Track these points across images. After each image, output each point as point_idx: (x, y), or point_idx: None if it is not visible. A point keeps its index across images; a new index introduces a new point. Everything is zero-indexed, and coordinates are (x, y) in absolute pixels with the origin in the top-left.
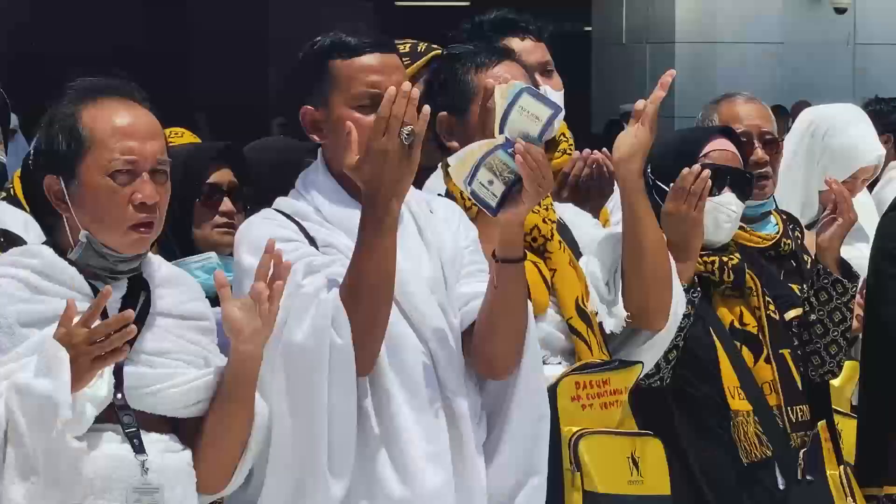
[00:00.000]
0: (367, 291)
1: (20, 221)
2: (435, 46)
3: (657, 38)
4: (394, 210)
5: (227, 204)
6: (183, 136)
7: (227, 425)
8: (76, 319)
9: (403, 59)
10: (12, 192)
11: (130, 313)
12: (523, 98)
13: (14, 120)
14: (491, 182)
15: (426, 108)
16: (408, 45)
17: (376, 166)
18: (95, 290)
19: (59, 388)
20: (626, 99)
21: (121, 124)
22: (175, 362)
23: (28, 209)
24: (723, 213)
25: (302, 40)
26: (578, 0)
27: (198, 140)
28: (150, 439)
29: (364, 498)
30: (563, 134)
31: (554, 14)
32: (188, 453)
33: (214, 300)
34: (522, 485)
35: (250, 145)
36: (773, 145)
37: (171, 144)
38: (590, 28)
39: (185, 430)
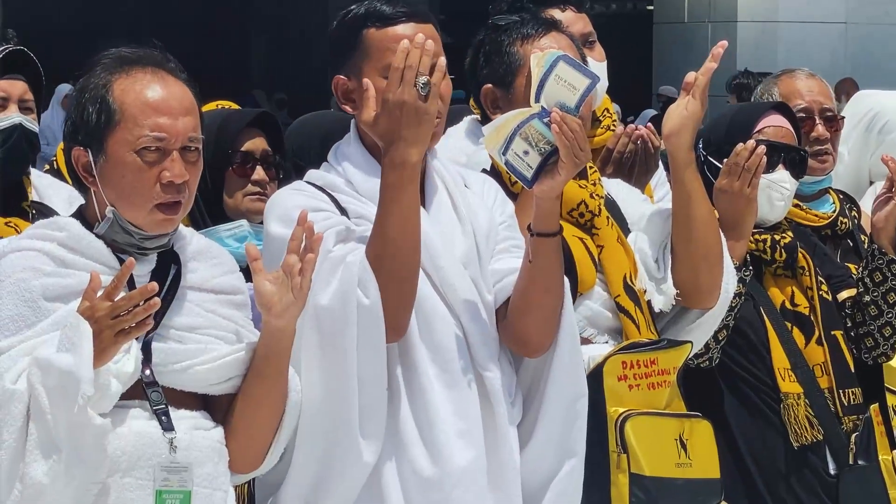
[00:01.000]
0: (393, 248)
1: (65, 195)
2: None
3: (719, 18)
4: (413, 162)
5: (259, 172)
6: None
7: (259, 402)
8: (100, 293)
9: None
10: (55, 165)
11: (154, 285)
12: (560, 66)
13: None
14: (526, 152)
15: (441, 59)
16: None
17: (393, 118)
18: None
19: (81, 363)
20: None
21: (152, 99)
22: (206, 338)
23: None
24: (776, 191)
25: None
26: None
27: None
28: (179, 416)
29: (393, 474)
30: (608, 109)
31: None
32: (219, 431)
33: (247, 271)
34: (559, 467)
35: (302, 118)
36: (833, 122)
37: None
38: (651, 7)
39: (218, 407)
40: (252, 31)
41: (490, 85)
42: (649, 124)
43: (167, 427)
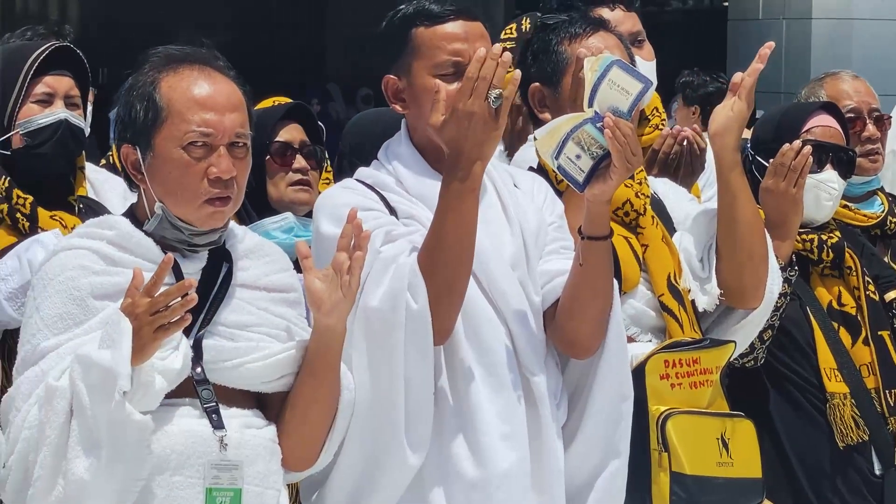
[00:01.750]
0: (446, 256)
1: (120, 190)
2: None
3: (793, 14)
4: (476, 174)
5: (299, 161)
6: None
7: (311, 400)
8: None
9: (507, 44)
10: (111, 160)
11: (192, 281)
12: (613, 71)
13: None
14: (578, 156)
15: (517, 73)
16: (513, 27)
17: (461, 128)
18: (174, 262)
19: (119, 358)
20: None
21: (199, 95)
22: (258, 335)
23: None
24: (824, 191)
25: None
26: None
27: None
28: (230, 414)
29: (436, 476)
30: (656, 108)
31: None
32: (271, 429)
33: (296, 263)
34: (603, 467)
35: (359, 115)
36: (881, 122)
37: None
38: (727, 4)
39: (272, 405)
40: (328, 23)
41: (538, 84)
42: (695, 126)
43: (217, 425)
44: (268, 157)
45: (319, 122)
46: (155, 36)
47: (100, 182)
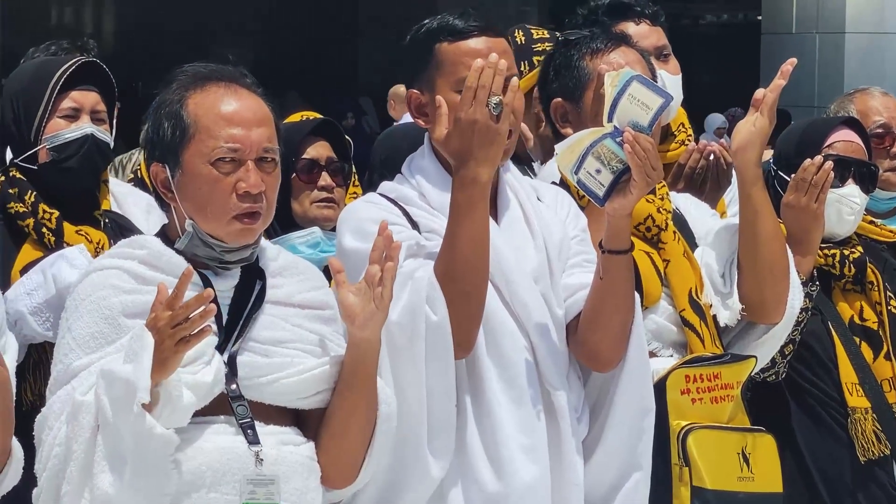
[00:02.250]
0: (462, 265)
1: (143, 204)
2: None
3: (827, 28)
4: (483, 181)
5: (325, 178)
6: None
7: (349, 415)
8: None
9: (546, 45)
10: (139, 174)
11: (210, 292)
12: (633, 86)
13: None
14: (598, 171)
15: (514, 80)
16: (545, 31)
17: (465, 137)
18: (205, 280)
19: (140, 371)
20: (795, 88)
21: (225, 111)
22: (292, 351)
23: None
24: (846, 206)
25: None
26: None
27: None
28: (267, 431)
29: (457, 489)
30: (683, 124)
31: (725, 3)
32: (309, 447)
33: (325, 272)
34: (624, 480)
35: (389, 129)
36: None
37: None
38: (760, 18)
39: (311, 423)
40: (360, 36)
41: (560, 99)
42: (722, 141)
43: (253, 440)
44: (294, 174)
45: (347, 137)
46: (191, 50)
47: (123, 195)
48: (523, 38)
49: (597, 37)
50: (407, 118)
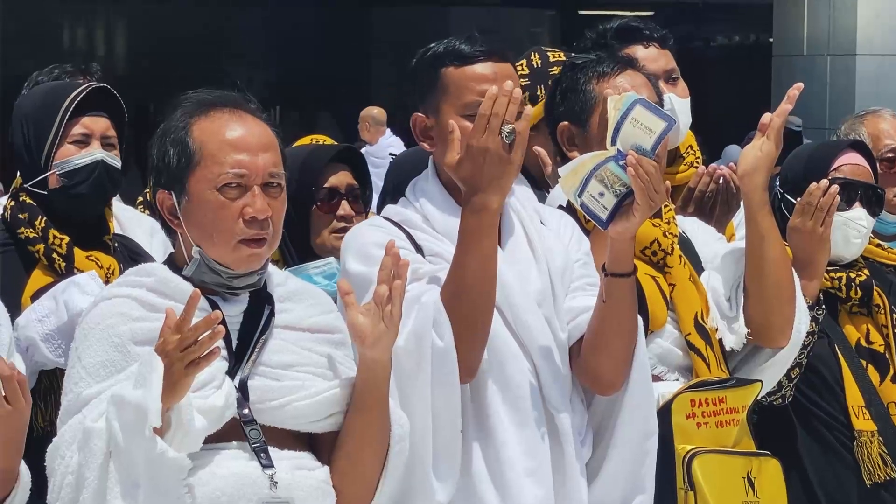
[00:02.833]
0: (469, 292)
1: (146, 228)
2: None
3: (838, 50)
4: (493, 209)
5: (345, 207)
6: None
7: (362, 437)
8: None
9: (523, 81)
10: (149, 198)
11: (218, 314)
12: (636, 110)
13: None
14: (602, 194)
15: (528, 108)
16: (560, 53)
17: (476, 164)
18: (214, 305)
19: (150, 395)
20: (806, 110)
21: (231, 137)
22: (303, 375)
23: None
24: (852, 229)
25: None
26: (761, 12)
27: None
28: (282, 456)
29: None
30: (691, 146)
31: (736, 25)
32: (324, 471)
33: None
34: (628, 503)
35: (403, 153)
36: None
37: (290, 148)
38: (771, 40)
39: (325, 448)
40: (372, 55)
41: (566, 122)
42: (731, 164)
43: (267, 464)
44: (314, 205)
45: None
46: (203, 71)
47: (126, 219)
48: (539, 61)
49: (603, 60)
50: (384, 140)
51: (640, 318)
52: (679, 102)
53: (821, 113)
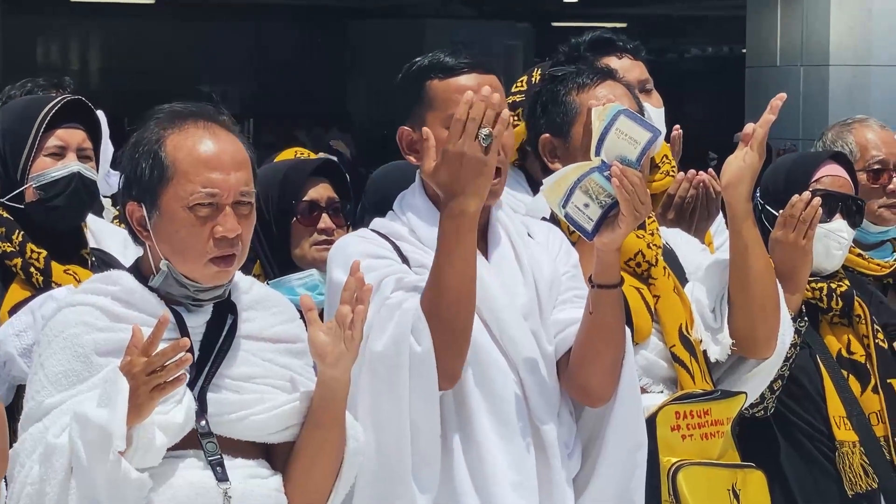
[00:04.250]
0: (448, 298)
1: (120, 239)
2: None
3: (811, 61)
4: (471, 214)
5: (325, 220)
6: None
7: (316, 450)
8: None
9: (517, 97)
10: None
11: (186, 341)
12: (620, 120)
13: None
14: (587, 205)
15: (505, 112)
16: (523, 81)
17: (453, 169)
18: (178, 316)
19: (115, 418)
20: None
21: (204, 154)
22: (263, 387)
23: None
24: (834, 241)
25: None
26: (733, 23)
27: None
28: (235, 465)
29: None
30: (666, 156)
31: (709, 37)
32: (276, 479)
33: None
34: None
35: (384, 168)
36: None
37: (272, 162)
38: (745, 51)
39: (279, 454)
40: (348, 68)
41: (548, 134)
42: (710, 170)
43: (221, 477)
44: (295, 218)
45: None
46: (178, 84)
47: (99, 231)
48: (539, 78)
49: (583, 72)
50: None
51: (627, 330)
52: (654, 112)
53: (794, 124)
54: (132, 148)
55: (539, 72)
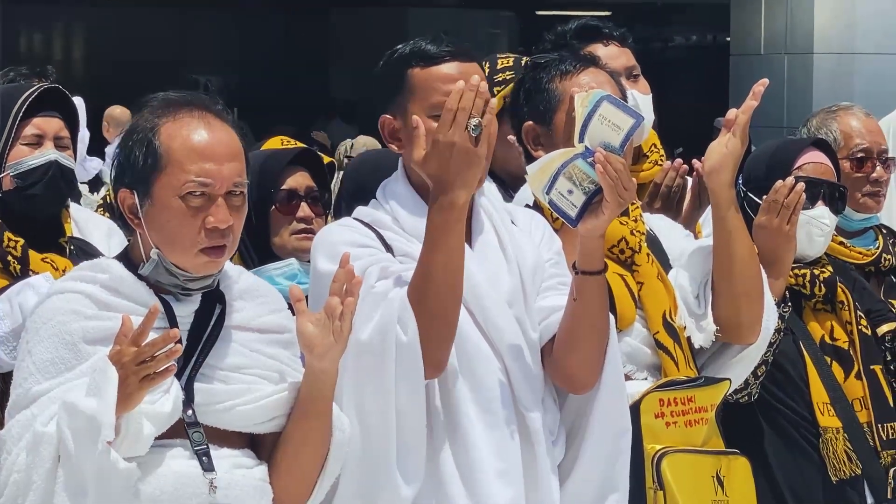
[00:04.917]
0: (435, 287)
1: (104, 229)
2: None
3: (795, 49)
4: (461, 204)
5: (304, 209)
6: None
7: (303, 441)
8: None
9: (507, 73)
10: (109, 199)
11: (176, 332)
12: (604, 106)
13: None
14: (570, 192)
15: (493, 101)
16: (511, 59)
17: (443, 159)
18: (167, 305)
19: (104, 408)
20: (764, 109)
21: (198, 144)
22: (250, 377)
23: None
24: (816, 227)
25: None
26: (718, 11)
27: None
28: (221, 454)
29: None
30: (655, 145)
31: (694, 25)
32: (262, 469)
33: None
34: (601, 502)
35: (361, 156)
36: (888, 162)
37: (258, 149)
38: (729, 39)
39: (265, 444)
40: (331, 56)
41: (531, 122)
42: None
43: (207, 467)
44: (273, 206)
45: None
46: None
47: (83, 220)
48: (488, 69)
49: (566, 59)
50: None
51: (611, 317)
52: (641, 99)
53: (778, 112)
54: (126, 135)
55: (488, 65)
